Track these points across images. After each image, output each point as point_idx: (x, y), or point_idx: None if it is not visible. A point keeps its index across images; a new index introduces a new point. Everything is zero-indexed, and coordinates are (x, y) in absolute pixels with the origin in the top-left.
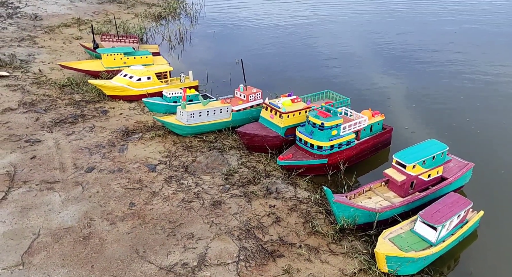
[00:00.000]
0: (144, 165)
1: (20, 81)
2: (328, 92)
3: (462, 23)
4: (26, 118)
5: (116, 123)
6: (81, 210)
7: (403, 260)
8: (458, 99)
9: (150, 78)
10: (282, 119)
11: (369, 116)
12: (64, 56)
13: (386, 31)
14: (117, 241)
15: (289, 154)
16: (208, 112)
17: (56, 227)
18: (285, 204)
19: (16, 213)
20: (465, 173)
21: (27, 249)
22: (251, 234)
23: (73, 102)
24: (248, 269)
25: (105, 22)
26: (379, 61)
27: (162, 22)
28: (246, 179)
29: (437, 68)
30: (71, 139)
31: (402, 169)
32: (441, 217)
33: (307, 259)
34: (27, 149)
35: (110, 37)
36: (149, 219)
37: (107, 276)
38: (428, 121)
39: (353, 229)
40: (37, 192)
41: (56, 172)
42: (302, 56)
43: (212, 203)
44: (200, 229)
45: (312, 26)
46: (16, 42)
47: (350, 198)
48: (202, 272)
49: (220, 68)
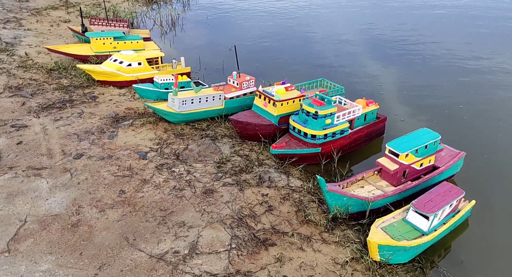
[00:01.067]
0: (134, 152)
1: (6, 64)
2: (322, 80)
3: (457, 13)
4: (11, 102)
5: (105, 109)
6: (70, 197)
7: (395, 249)
8: (451, 88)
9: (141, 64)
10: (276, 108)
11: (363, 105)
12: (51, 40)
13: (383, 20)
14: (107, 229)
15: (282, 142)
16: (200, 99)
17: (43, 214)
18: (277, 193)
19: (1, 199)
20: (457, 162)
21: (13, 236)
22: (243, 222)
23: (61, 87)
24: (240, 257)
25: (94, 5)
26: (374, 50)
27: (153, 6)
28: (239, 167)
29: (432, 58)
30: (59, 124)
31: (395, 157)
32: (434, 206)
33: (299, 248)
34: (13, 134)
35: (100, 21)
36: (139, 207)
37: (96, 263)
38: (421, 110)
39: (345, 218)
40: (24, 178)
41: (44, 158)
42: (297, 44)
43: (204, 191)
44: (192, 217)
45: (309, 13)
46: (1, 23)
47: (343, 187)
48: (193, 260)
49: (213, 54)
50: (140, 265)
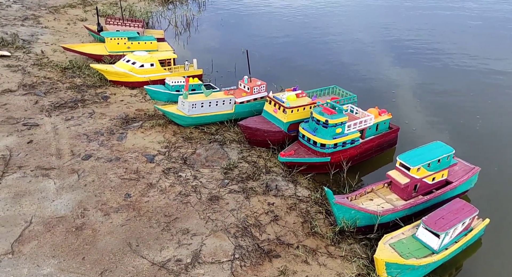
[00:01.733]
0: (142, 155)
1: (21, 62)
2: (335, 88)
3: (479, 17)
4: (25, 100)
5: (116, 110)
6: (76, 199)
7: (403, 267)
8: (468, 98)
9: (154, 65)
10: (286, 115)
11: (376, 115)
12: (67, 38)
13: (400, 25)
14: (110, 233)
15: (291, 150)
16: (210, 103)
17: (49, 215)
18: (284, 202)
19: (8, 199)
20: (471, 177)
21: (17, 237)
22: (247, 232)
23: (74, 86)
24: (243, 268)
25: (111, 4)
26: (390, 57)
27: (169, 6)
28: (246, 174)
29: (449, 65)
30: (70, 124)
31: (406, 171)
32: (445, 224)
33: (304, 261)
34: (24, 133)
35: (115, 20)
36: (144, 212)
37: (98, 269)
38: (436, 122)
39: (353, 231)
40: (32, 178)
41: (52, 158)
42: (311, 48)
43: (209, 198)
44: (196, 224)
45: (325, 17)
46: (19, 21)
47: (351, 199)
48: (196, 269)
49: (226, 57)
50: (142, 273)
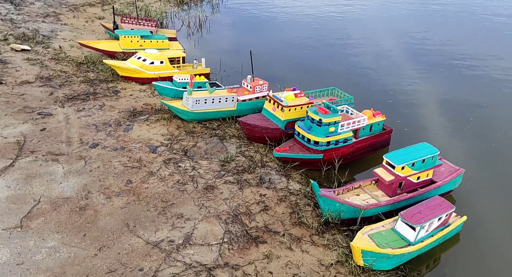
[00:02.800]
0: (146, 145)
1: (40, 56)
2: (333, 89)
3: (494, 24)
4: (41, 92)
5: (125, 103)
6: (81, 182)
7: (378, 255)
8: (464, 101)
9: (163, 63)
10: (283, 113)
11: (370, 116)
12: (85, 35)
13: (409, 29)
14: (110, 214)
15: (286, 146)
16: (214, 100)
17: (55, 196)
18: (275, 194)
19: (20, 180)
20: (455, 178)
21: (26, 214)
22: (238, 219)
23: (87, 80)
24: (231, 251)
25: (128, 4)
26: (392, 62)
27: (184, 7)
28: (242, 167)
29: (453, 71)
30: (81, 115)
31: (391, 169)
32: (421, 218)
33: (288, 247)
34: (38, 121)
35: (130, 19)
36: (143, 197)
37: (97, 245)
38: (429, 124)
39: (337, 223)
40: (43, 162)
41: (62, 145)
42: (318, 51)
43: (205, 187)
44: (190, 210)
45: (336, 21)
46: (41, 17)
47: (338, 193)
48: (186, 250)
49: (234, 57)
50: (136, 250)
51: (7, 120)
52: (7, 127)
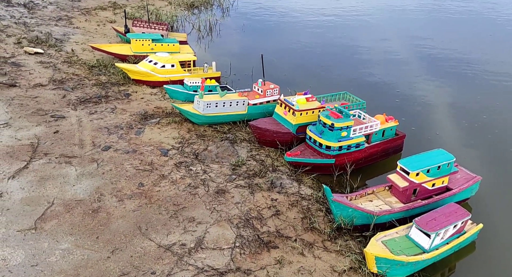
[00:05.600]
0: (157, 148)
1: (53, 59)
2: (345, 94)
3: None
4: (54, 94)
5: (136, 106)
6: (94, 185)
7: (392, 262)
8: (480, 107)
9: (174, 66)
10: (295, 117)
11: (382, 121)
12: (96, 38)
13: (421, 34)
14: (123, 217)
15: (298, 151)
16: (224, 103)
17: (69, 198)
18: (287, 199)
19: (34, 182)
20: (472, 186)
21: (40, 216)
22: (249, 223)
23: (99, 83)
24: (242, 256)
25: (139, 7)
26: (406, 66)
27: (194, 11)
28: (253, 171)
29: (467, 76)
30: (93, 117)
31: (405, 175)
32: (436, 225)
33: (300, 253)
34: (51, 124)
35: (141, 23)
36: (155, 200)
37: (110, 247)
38: (444, 130)
39: (350, 229)
40: (56, 164)
41: (75, 148)
42: (329, 55)
43: (216, 191)
44: (202, 214)
45: (347, 25)
46: (53, 21)
47: (351, 199)
48: (198, 254)
49: (244, 61)
50: (149, 253)
51: (21, 123)
52: (21, 130)
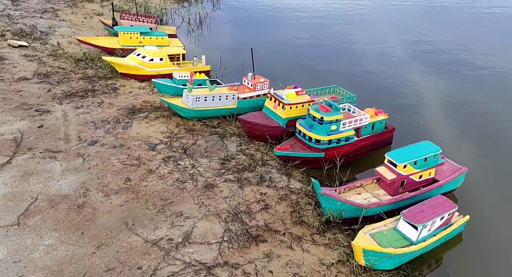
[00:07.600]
0: (145, 143)
1: (38, 52)
2: (335, 87)
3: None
4: (39, 88)
5: (124, 101)
6: (79, 180)
7: (379, 254)
8: (469, 102)
9: (163, 60)
10: (285, 111)
11: (372, 115)
12: (83, 31)
13: (412, 28)
14: (109, 212)
15: (287, 145)
16: (214, 97)
17: (53, 193)
18: (276, 193)
19: (17, 177)
20: (457, 177)
21: (24, 211)
22: (238, 218)
23: (85, 77)
24: (230, 250)
25: (127, 0)
26: (395, 60)
27: (184, 4)
28: (242, 165)
29: (457, 71)
30: (79, 112)
31: (393, 167)
32: (423, 217)
33: (289, 247)
34: (36, 118)
35: (129, 15)
36: (142, 195)
37: (95, 243)
38: (433, 123)
39: (338, 222)
40: (40, 159)
41: (60, 142)
42: (320, 49)
43: (205, 185)
44: (190, 208)
45: (339, 19)
46: (39, 13)
47: (339, 192)
48: (186, 248)
49: (235, 55)
50: (135, 248)
51: (4, 117)
52: (4, 124)
